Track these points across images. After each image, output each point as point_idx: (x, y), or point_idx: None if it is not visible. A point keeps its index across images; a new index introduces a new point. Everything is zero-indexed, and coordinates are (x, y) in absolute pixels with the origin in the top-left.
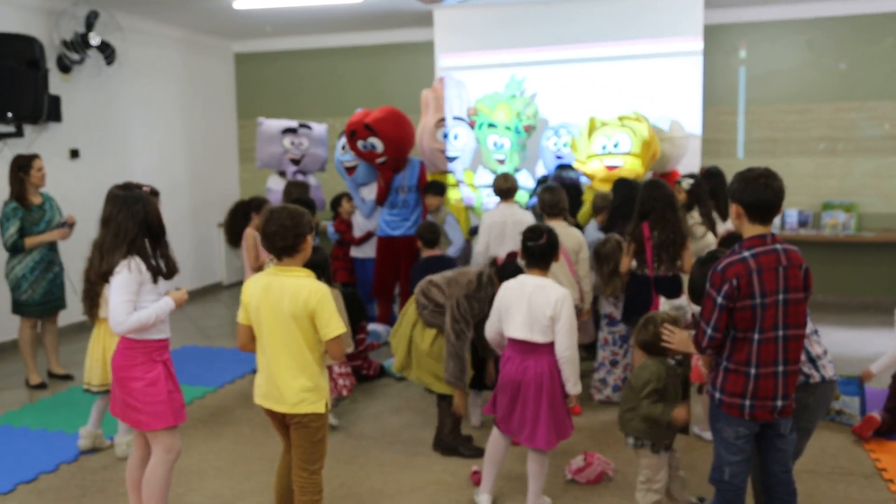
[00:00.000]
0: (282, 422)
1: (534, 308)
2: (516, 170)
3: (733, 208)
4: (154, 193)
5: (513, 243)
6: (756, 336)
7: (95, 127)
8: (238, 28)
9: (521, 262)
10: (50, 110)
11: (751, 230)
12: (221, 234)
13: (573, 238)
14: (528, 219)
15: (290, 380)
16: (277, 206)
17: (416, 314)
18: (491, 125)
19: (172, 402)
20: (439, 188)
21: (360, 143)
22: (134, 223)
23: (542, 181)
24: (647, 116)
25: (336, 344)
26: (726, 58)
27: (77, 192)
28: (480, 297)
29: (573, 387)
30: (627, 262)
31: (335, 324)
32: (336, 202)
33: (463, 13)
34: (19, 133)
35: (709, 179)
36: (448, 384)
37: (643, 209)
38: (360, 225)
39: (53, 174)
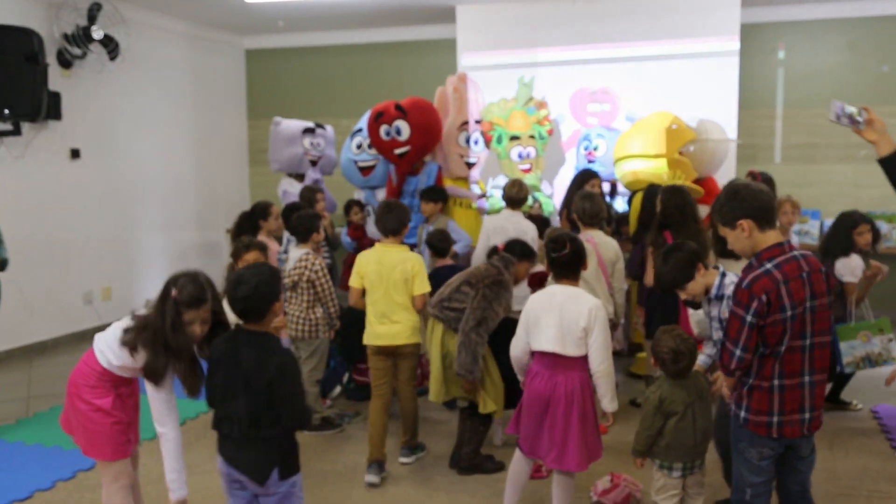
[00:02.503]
0: (390, 355)
1: (566, 319)
2: (540, 179)
3: (742, 225)
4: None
5: None
6: (782, 347)
7: (97, 126)
8: (249, 23)
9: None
10: (49, 108)
11: (764, 240)
12: (229, 241)
13: (610, 248)
14: (531, 229)
15: (405, 320)
16: (393, 199)
17: (441, 334)
18: (514, 137)
19: (114, 434)
20: (438, 195)
21: (383, 129)
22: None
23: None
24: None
25: (421, 298)
26: (764, 58)
27: (77, 195)
28: (506, 280)
29: (610, 403)
30: (653, 274)
31: (424, 285)
32: (347, 209)
33: (487, 9)
34: (17, 131)
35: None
36: (459, 376)
37: (664, 218)
38: (375, 233)
39: (52, 175)
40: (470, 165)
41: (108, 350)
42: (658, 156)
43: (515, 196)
